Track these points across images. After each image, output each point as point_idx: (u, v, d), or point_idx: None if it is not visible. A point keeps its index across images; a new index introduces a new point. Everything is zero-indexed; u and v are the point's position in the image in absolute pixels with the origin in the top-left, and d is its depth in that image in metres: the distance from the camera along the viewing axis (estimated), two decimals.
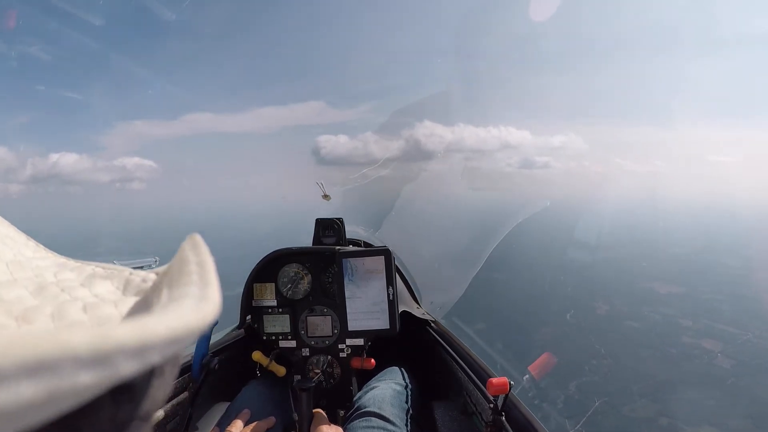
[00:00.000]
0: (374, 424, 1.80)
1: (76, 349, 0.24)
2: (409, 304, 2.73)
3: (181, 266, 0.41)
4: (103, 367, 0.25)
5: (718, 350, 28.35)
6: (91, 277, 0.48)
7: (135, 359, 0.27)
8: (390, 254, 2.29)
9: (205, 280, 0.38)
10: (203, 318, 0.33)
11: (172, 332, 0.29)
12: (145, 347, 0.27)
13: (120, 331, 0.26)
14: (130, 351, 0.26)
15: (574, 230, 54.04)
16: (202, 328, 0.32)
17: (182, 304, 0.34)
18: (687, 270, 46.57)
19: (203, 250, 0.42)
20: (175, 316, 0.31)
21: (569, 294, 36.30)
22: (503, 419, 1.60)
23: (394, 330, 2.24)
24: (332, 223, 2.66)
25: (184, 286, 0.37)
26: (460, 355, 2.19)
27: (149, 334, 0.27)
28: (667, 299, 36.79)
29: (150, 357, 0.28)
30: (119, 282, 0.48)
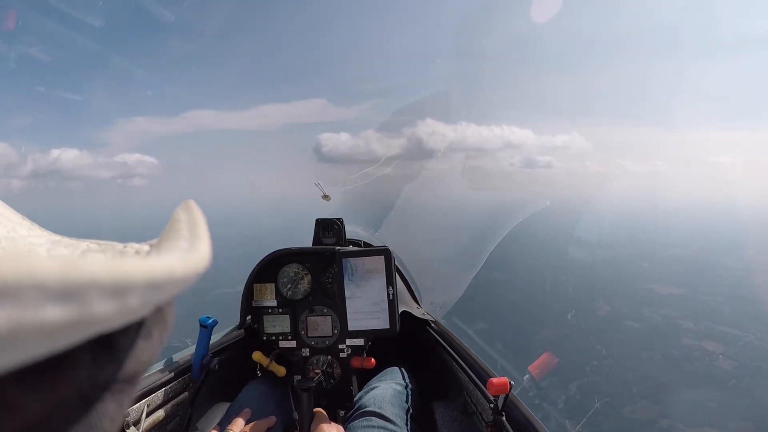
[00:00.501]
0: (375, 424, 1.81)
1: (42, 276, 0.22)
2: (409, 304, 2.73)
3: (170, 225, 0.40)
4: (74, 303, 0.23)
5: (719, 352, 28.36)
6: (85, 252, 0.47)
7: (110, 299, 0.25)
8: (390, 254, 2.30)
9: (195, 233, 0.37)
10: (190, 267, 0.31)
11: (153, 274, 0.27)
12: (122, 285, 0.25)
13: (93, 262, 0.24)
14: (104, 287, 0.24)
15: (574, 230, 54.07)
16: (188, 278, 0.31)
17: (169, 254, 0.33)
18: (688, 271, 46.60)
19: (195, 210, 0.41)
20: (157, 260, 0.29)
21: (570, 294, 36.34)
22: (503, 419, 1.61)
23: (394, 330, 2.24)
24: (332, 223, 2.66)
25: (171, 240, 0.36)
26: (460, 355, 2.19)
27: (126, 271, 0.25)
28: (668, 300, 36.81)
29: (128, 300, 0.26)
30: (113, 255, 0.46)
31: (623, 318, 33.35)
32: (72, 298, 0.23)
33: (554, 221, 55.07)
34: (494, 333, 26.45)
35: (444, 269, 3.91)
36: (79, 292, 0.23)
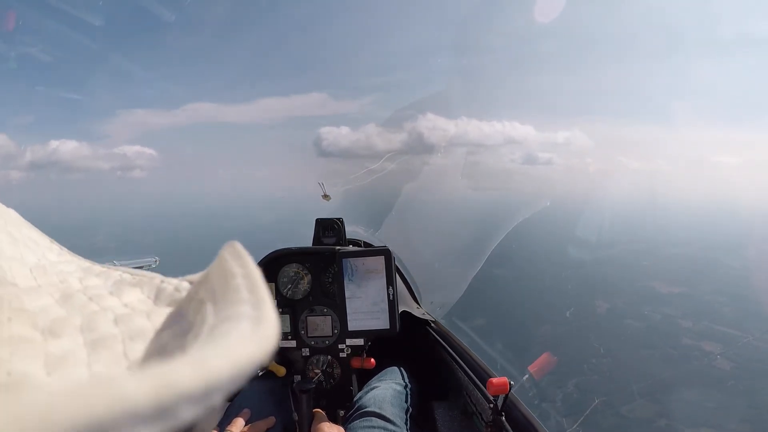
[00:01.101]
0: (375, 424, 1.83)
1: (137, 405, 0.21)
2: (409, 304, 2.75)
3: (225, 279, 0.37)
4: (165, 419, 0.22)
5: (717, 352, 28.34)
6: (119, 284, 0.46)
7: (198, 405, 0.24)
8: (390, 254, 2.32)
9: (258, 296, 0.34)
10: (264, 345, 0.29)
11: (237, 368, 0.26)
12: (210, 390, 0.24)
13: (183, 374, 0.23)
14: (194, 398, 0.23)
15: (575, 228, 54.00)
16: (264, 358, 0.29)
17: (237, 327, 0.31)
18: (688, 270, 46.52)
19: (248, 261, 0.38)
20: (236, 347, 0.28)
21: (569, 291, 36.28)
22: (503, 419, 1.63)
23: (394, 330, 2.26)
24: (332, 223, 2.67)
25: (233, 304, 0.33)
26: (460, 355, 2.22)
27: (215, 376, 0.24)
28: (668, 299, 36.76)
29: (212, 400, 0.25)
30: (149, 290, 0.46)
31: (622, 316, 33.32)
32: (164, 416, 0.22)
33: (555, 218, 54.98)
34: (493, 329, 26.43)
35: (444, 269, 3.93)
36: (172, 409, 0.22)
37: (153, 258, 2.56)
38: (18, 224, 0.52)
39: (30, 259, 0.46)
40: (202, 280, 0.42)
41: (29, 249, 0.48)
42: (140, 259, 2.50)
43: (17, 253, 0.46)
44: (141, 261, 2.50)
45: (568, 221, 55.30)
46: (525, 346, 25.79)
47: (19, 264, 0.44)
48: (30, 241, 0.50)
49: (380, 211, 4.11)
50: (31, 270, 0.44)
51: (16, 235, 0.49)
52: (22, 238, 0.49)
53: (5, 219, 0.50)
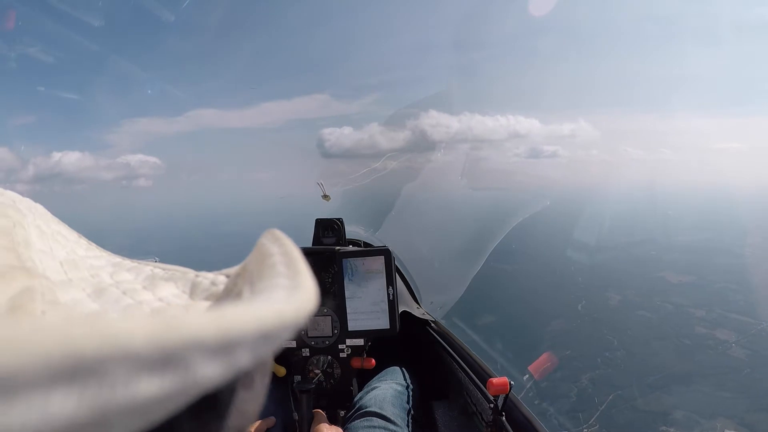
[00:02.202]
0: (375, 424, 1.83)
1: (133, 344, 0.18)
2: (409, 304, 2.74)
3: (262, 259, 0.36)
4: (174, 370, 0.20)
5: (732, 341, 28.24)
6: (151, 279, 0.45)
7: (216, 359, 0.21)
8: (390, 254, 2.32)
9: (294, 268, 0.33)
10: (299, 308, 0.28)
11: (263, 324, 0.24)
12: (230, 342, 0.22)
13: (194, 320, 0.21)
14: (209, 347, 0.21)
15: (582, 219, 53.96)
16: (298, 321, 0.27)
17: (271, 295, 0.30)
18: (698, 259, 46.41)
19: (286, 241, 0.38)
20: (264, 305, 0.27)
21: (580, 284, 36.24)
22: (503, 419, 1.63)
23: (394, 330, 2.27)
24: (332, 224, 2.67)
25: (269, 278, 0.33)
26: (461, 355, 2.22)
27: (233, 325, 0.22)
28: (679, 288, 36.66)
29: (237, 356, 0.23)
30: (184, 285, 0.45)
31: (635, 308, 33.26)
32: (171, 365, 0.20)
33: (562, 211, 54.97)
34: (503, 325, 26.47)
35: (444, 269, 3.93)
36: (180, 357, 0.20)
37: (153, 259, 2.57)
38: (47, 219, 0.52)
39: (60, 253, 0.46)
40: (239, 272, 0.42)
41: (58, 243, 0.48)
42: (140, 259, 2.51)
43: (47, 246, 0.45)
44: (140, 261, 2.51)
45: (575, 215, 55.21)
46: (538, 341, 25.81)
47: (49, 257, 0.43)
48: (59, 236, 0.50)
49: (380, 211, 4.11)
50: (61, 263, 0.44)
51: (45, 229, 0.49)
52: (51, 232, 0.49)
53: (34, 213, 0.50)
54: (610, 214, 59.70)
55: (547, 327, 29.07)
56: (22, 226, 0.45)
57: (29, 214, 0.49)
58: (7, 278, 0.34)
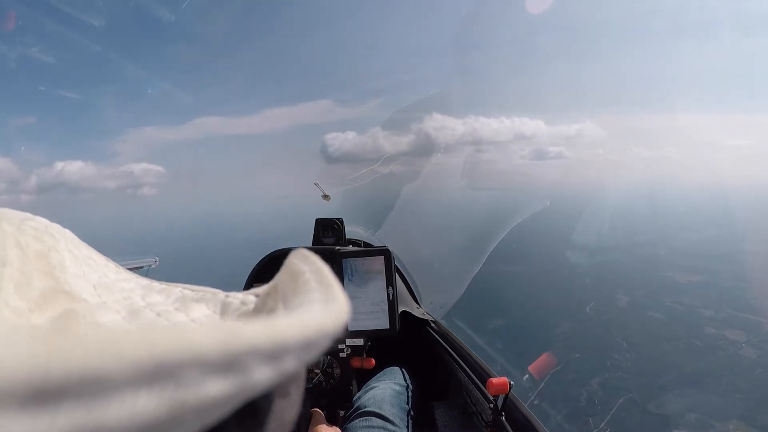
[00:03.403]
0: (374, 424, 1.83)
1: (203, 349, 0.20)
2: (409, 304, 2.76)
3: (294, 278, 0.38)
4: (235, 374, 0.22)
5: (742, 340, 28.12)
6: (182, 300, 0.46)
7: (268, 364, 0.23)
8: (390, 254, 2.33)
9: (326, 284, 0.35)
10: (336, 318, 0.29)
11: (307, 332, 0.26)
12: (280, 349, 0.24)
13: (251, 329, 0.23)
14: (263, 353, 0.23)
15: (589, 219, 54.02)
16: (336, 330, 0.29)
17: (308, 308, 0.31)
18: (706, 257, 46.28)
19: (315, 259, 0.40)
20: (306, 315, 0.29)
21: (588, 286, 36.20)
22: (503, 419, 1.64)
23: (394, 330, 2.27)
24: (332, 223, 2.70)
25: (303, 294, 0.34)
26: (460, 355, 2.23)
27: (283, 333, 0.24)
28: (688, 288, 36.55)
29: (284, 363, 0.24)
30: (215, 305, 0.46)
31: (644, 309, 33.17)
32: (233, 368, 0.22)
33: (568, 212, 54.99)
34: (511, 329, 26.44)
35: (444, 269, 3.94)
36: (241, 361, 0.22)
37: (153, 258, 2.59)
38: (76, 243, 0.53)
39: (92, 276, 0.47)
40: (269, 291, 0.44)
41: (90, 267, 0.49)
42: (140, 260, 2.52)
43: (80, 270, 0.46)
44: (141, 261, 2.53)
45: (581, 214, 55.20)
46: (546, 344, 25.75)
47: (83, 281, 0.44)
48: (90, 260, 0.51)
49: (380, 211, 4.13)
50: (94, 287, 0.45)
51: (77, 254, 0.49)
52: (83, 257, 0.50)
53: (65, 239, 0.51)
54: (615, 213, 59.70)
55: (555, 330, 29.03)
56: (56, 250, 0.46)
57: (61, 239, 0.50)
58: (50, 301, 0.36)
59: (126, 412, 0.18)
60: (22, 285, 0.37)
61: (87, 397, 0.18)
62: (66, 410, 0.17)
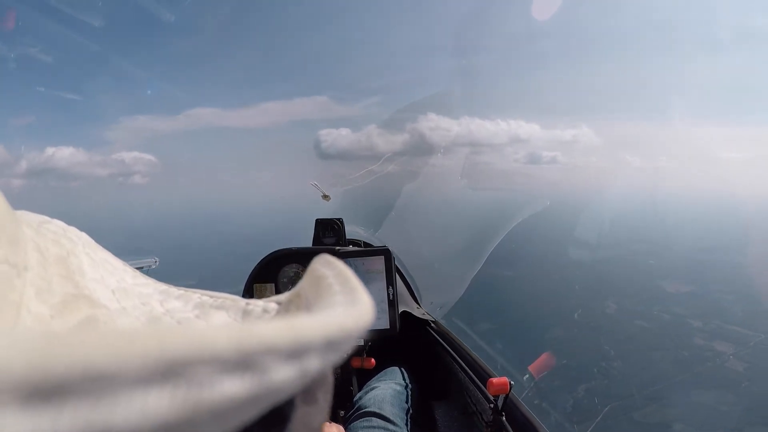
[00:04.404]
0: (375, 424, 1.85)
1: (216, 346, 0.20)
2: (409, 304, 2.79)
3: (317, 284, 0.38)
4: (252, 373, 0.21)
5: (729, 353, 28.21)
6: (201, 307, 0.46)
7: (289, 364, 0.23)
8: (390, 254, 2.36)
9: (350, 286, 0.35)
10: (359, 319, 0.29)
11: (329, 332, 0.26)
12: (300, 347, 0.24)
13: (268, 326, 0.23)
14: (282, 351, 0.22)
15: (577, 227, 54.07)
16: (359, 332, 0.29)
17: (331, 310, 0.31)
18: (696, 268, 46.42)
19: (338, 264, 0.39)
20: (328, 315, 0.28)
21: (577, 292, 36.21)
22: (503, 419, 1.65)
23: (394, 330, 2.31)
24: (332, 224, 2.72)
25: (327, 297, 0.34)
26: (461, 355, 2.25)
27: (303, 331, 0.24)
28: (677, 298, 36.62)
29: (307, 363, 0.24)
30: (235, 313, 0.45)
31: (632, 317, 33.23)
32: (250, 367, 0.21)
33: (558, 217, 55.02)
34: (501, 332, 26.38)
35: (444, 269, 3.95)
36: (258, 360, 0.21)
37: (153, 259, 2.59)
38: (93, 247, 0.53)
39: (110, 281, 0.47)
40: (291, 298, 0.43)
41: (108, 271, 0.49)
42: (140, 260, 2.53)
43: (98, 274, 0.46)
44: (141, 262, 2.53)
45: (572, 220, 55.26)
46: (533, 350, 25.74)
47: (102, 286, 0.44)
48: (107, 264, 0.51)
49: (380, 211, 4.12)
50: (113, 292, 0.45)
51: (94, 257, 0.50)
52: (100, 260, 0.50)
53: (82, 242, 0.51)
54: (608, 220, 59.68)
55: (543, 335, 29.02)
56: (75, 254, 0.46)
57: (79, 242, 0.50)
58: (70, 307, 0.37)
59: (136, 412, 0.18)
60: (42, 290, 0.37)
61: (92, 395, 0.17)
62: (70, 408, 0.17)
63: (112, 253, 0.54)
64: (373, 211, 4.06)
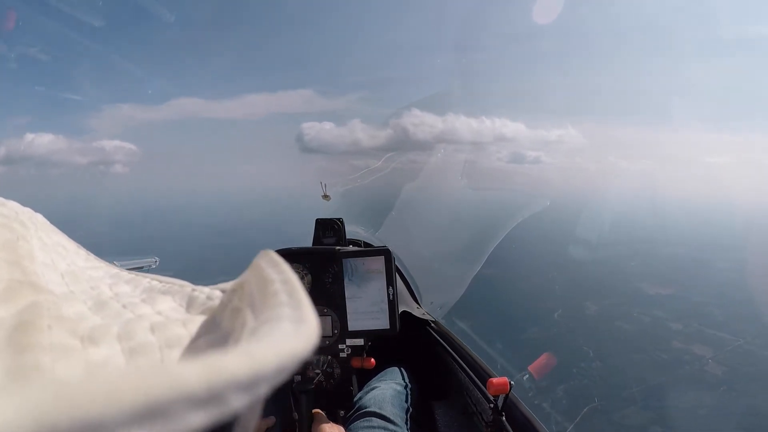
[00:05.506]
0: (375, 424, 1.88)
1: (190, 388, 0.22)
2: (409, 304, 2.81)
3: (263, 286, 0.39)
4: (217, 405, 0.23)
5: (708, 356, 28.51)
6: (149, 292, 0.48)
7: (246, 393, 0.25)
8: (390, 254, 2.38)
9: (297, 300, 0.35)
10: (306, 342, 0.30)
11: (281, 360, 0.27)
12: (257, 379, 0.25)
13: (231, 362, 0.24)
14: (242, 384, 0.24)
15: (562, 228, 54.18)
16: (305, 354, 0.30)
17: (279, 327, 0.32)
18: (677, 271, 46.87)
19: (285, 268, 0.40)
20: (280, 342, 0.29)
21: (557, 292, 36.33)
22: (503, 419, 1.69)
23: (394, 330, 2.32)
24: (332, 224, 2.72)
25: (273, 308, 0.35)
26: (461, 355, 2.29)
27: (261, 365, 0.26)
28: (657, 300, 36.94)
29: (259, 390, 0.26)
30: (181, 298, 0.48)
31: (612, 318, 33.43)
32: (216, 401, 0.23)
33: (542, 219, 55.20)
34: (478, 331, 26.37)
35: (444, 269, 3.98)
36: (223, 395, 0.23)
37: (153, 258, 2.60)
38: (47, 229, 0.54)
39: (61, 264, 0.49)
40: (235, 288, 0.44)
41: (59, 255, 0.50)
42: (140, 260, 2.54)
43: (49, 259, 0.48)
44: (141, 261, 2.54)
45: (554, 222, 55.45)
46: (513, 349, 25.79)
47: (51, 270, 0.46)
48: (59, 247, 0.52)
49: (380, 211, 4.14)
50: (62, 276, 0.46)
51: (47, 241, 0.51)
52: (52, 244, 0.52)
53: (36, 224, 0.52)
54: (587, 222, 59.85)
55: (522, 335, 29.07)
56: (25, 239, 0.47)
57: (31, 226, 0.51)
58: (14, 293, 0.37)
59: None
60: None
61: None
62: None
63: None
64: (373, 211, 4.08)
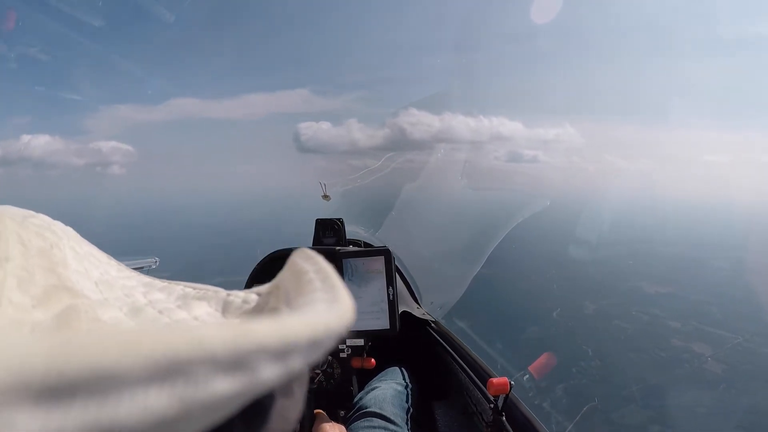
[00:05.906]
0: (375, 424, 1.87)
1: (214, 347, 0.21)
2: (409, 304, 2.81)
3: (297, 278, 0.40)
4: (243, 372, 0.22)
5: (707, 354, 28.51)
6: (184, 298, 0.48)
7: (276, 363, 0.24)
8: (390, 254, 2.38)
9: (330, 284, 0.36)
10: (341, 318, 0.30)
11: (314, 331, 0.27)
12: (288, 348, 0.25)
13: (260, 327, 0.24)
14: (272, 351, 0.24)
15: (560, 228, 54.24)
16: (341, 330, 0.30)
17: (314, 308, 0.32)
18: (675, 270, 46.88)
19: (319, 259, 0.41)
20: (313, 315, 0.30)
21: (555, 292, 36.32)
22: (504, 419, 1.68)
23: (394, 330, 2.32)
24: (332, 224, 2.72)
25: (307, 294, 0.35)
26: (461, 356, 2.28)
27: (292, 332, 0.25)
28: (656, 299, 36.95)
29: (292, 361, 0.25)
30: (216, 304, 0.48)
31: (610, 317, 33.41)
32: (241, 367, 0.22)
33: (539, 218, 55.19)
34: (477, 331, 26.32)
35: (444, 269, 3.98)
36: (249, 360, 0.23)
37: (153, 259, 2.60)
38: (78, 240, 0.54)
39: (94, 273, 0.49)
40: (271, 290, 0.46)
41: (92, 264, 0.50)
42: (140, 260, 2.54)
43: (82, 267, 0.48)
44: (141, 262, 2.54)
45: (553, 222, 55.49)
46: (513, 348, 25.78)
47: (85, 278, 0.46)
48: (91, 257, 0.52)
49: (380, 211, 4.13)
50: (96, 284, 0.46)
51: (79, 251, 0.51)
52: (84, 253, 0.52)
53: (67, 236, 0.53)
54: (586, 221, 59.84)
55: (522, 334, 29.05)
56: (58, 247, 0.47)
57: (63, 236, 0.52)
58: (51, 297, 0.37)
59: (137, 408, 0.19)
60: (24, 281, 0.38)
61: (100, 394, 0.18)
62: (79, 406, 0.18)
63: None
64: (373, 211, 4.07)
